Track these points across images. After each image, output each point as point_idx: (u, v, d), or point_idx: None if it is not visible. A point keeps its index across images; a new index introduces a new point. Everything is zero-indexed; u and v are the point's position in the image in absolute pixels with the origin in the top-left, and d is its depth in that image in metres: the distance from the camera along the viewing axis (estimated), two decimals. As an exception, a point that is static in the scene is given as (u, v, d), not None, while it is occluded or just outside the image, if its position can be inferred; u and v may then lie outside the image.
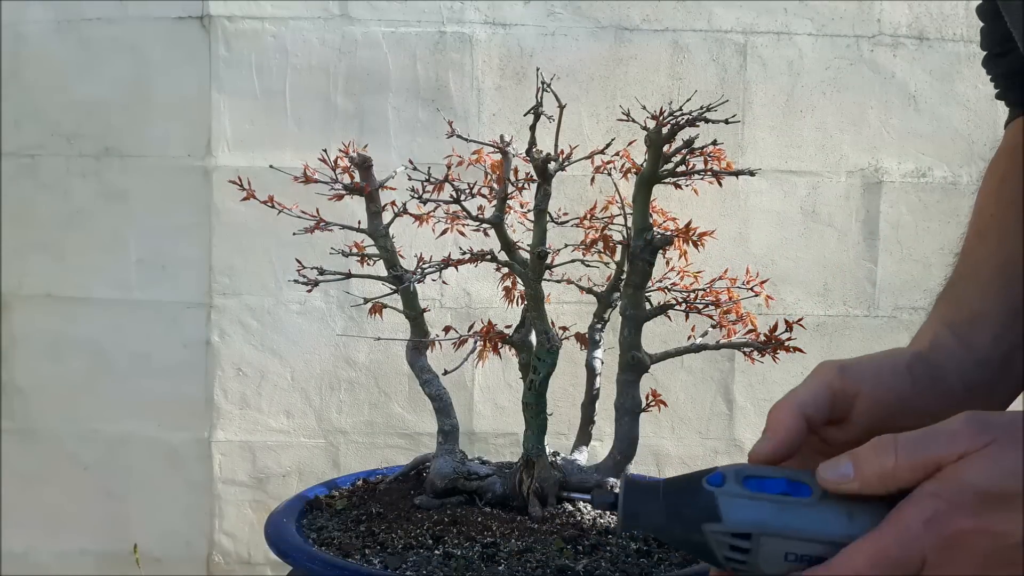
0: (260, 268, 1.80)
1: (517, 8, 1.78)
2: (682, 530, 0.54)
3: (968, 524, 0.50)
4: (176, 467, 1.84)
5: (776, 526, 0.52)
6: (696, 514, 0.53)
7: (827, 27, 1.81)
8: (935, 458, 0.52)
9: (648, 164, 1.09)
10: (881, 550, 0.51)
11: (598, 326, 1.28)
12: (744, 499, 0.53)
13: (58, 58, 1.79)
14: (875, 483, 0.53)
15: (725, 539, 0.53)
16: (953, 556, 0.50)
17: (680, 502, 0.55)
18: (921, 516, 0.51)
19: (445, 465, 1.18)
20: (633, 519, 0.56)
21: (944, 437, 0.52)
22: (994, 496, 0.50)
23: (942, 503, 0.51)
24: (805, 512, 0.53)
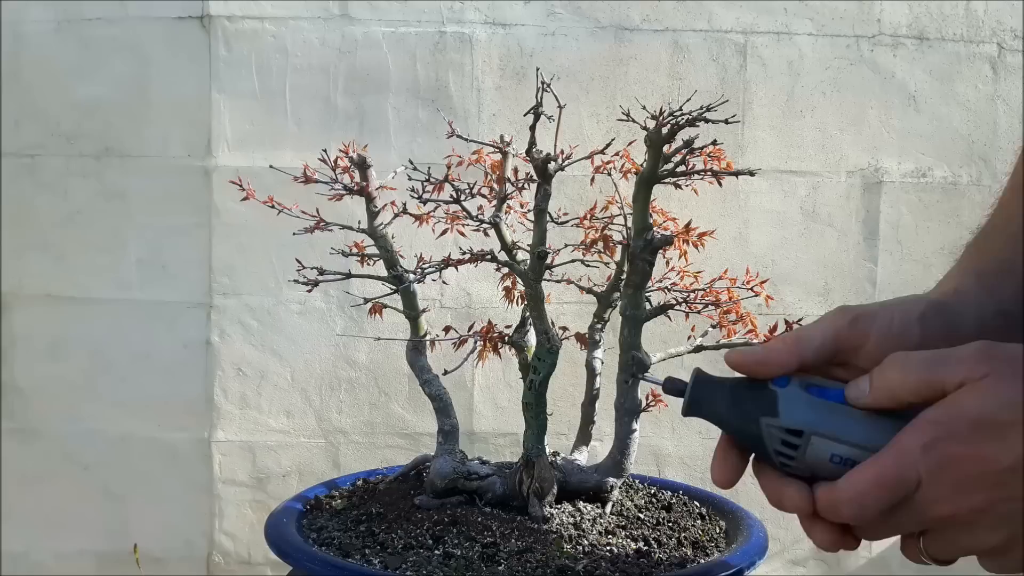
0: (260, 268, 1.80)
1: (517, 8, 1.78)
2: (740, 421, 0.59)
3: (960, 450, 0.54)
4: (176, 467, 1.84)
5: (825, 427, 0.57)
6: (756, 408, 0.58)
7: (827, 27, 1.81)
8: (939, 380, 0.55)
9: (648, 164, 1.09)
10: (884, 472, 0.55)
11: (598, 326, 1.28)
12: (802, 400, 0.58)
13: (58, 58, 1.79)
14: (884, 399, 0.57)
15: (779, 434, 0.58)
16: (945, 477, 0.54)
17: (743, 396, 0.59)
18: (919, 441, 0.55)
19: (445, 465, 1.18)
20: (697, 406, 0.61)
21: (951, 361, 0.56)
22: (987, 424, 0.53)
23: (940, 430, 0.54)
24: (853, 419, 0.57)
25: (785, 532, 1.90)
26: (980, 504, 0.54)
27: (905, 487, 0.55)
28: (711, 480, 0.64)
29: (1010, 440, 0.53)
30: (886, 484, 0.55)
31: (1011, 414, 0.53)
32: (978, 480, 0.54)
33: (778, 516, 1.94)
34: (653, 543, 1.09)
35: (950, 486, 0.54)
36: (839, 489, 0.57)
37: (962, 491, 0.54)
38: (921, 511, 0.56)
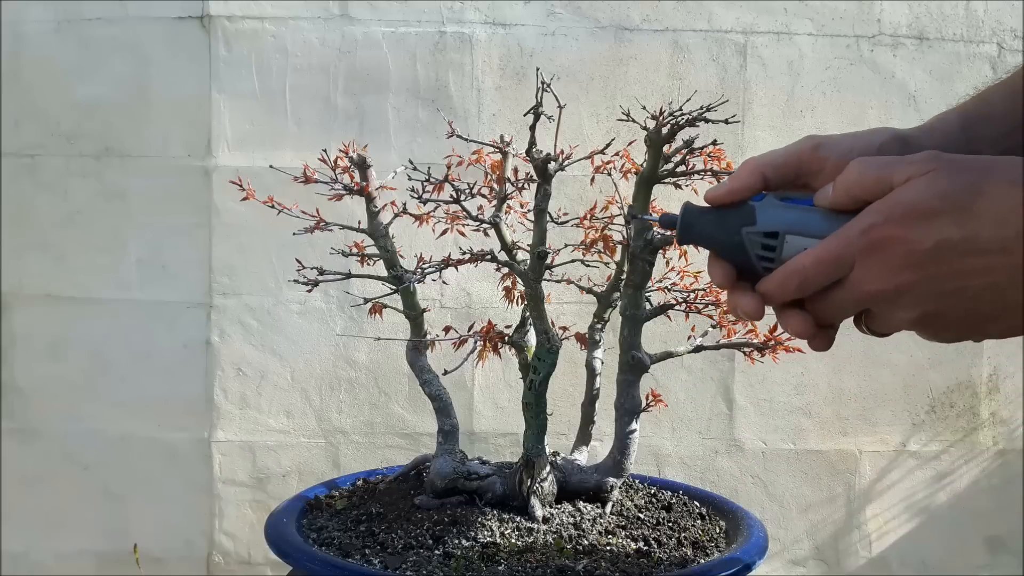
0: (260, 268, 1.80)
1: (517, 8, 1.78)
2: (725, 235, 0.65)
3: (891, 231, 0.59)
4: (176, 467, 1.84)
5: (796, 227, 0.63)
6: (737, 221, 0.65)
7: (827, 27, 1.81)
8: (887, 177, 0.60)
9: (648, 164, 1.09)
10: (824, 252, 0.61)
11: (598, 326, 1.28)
12: (776, 207, 0.65)
13: (58, 58, 1.79)
14: (843, 197, 0.62)
15: (757, 239, 0.64)
16: (875, 260, 0.60)
17: (726, 214, 0.66)
18: (859, 226, 0.60)
19: (445, 465, 1.18)
20: (688, 229, 0.67)
21: (901, 163, 0.61)
22: (919, 211, 0.59)
23: (878, 216, 0.60)
24: (820, 217, 0.63)
25: (785, 532, 1.90)
26: (903, 282, 0.60)
27: (841, 265, 0.61)
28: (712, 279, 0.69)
29: (936, 225, 0.58)
30: (825, 261, 0.61)
31: (941, 203, 0.58)
32: (903, 260, 0.59)
33: (778, 516, 1.94)
34: (653, 543, 1.09)
35: (879, 265, 0.60)
36: (787, 266, 0.63)
37: (888, 269, 0.60)
38: (855, 288, 0.61)
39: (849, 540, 1.91)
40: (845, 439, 1.89)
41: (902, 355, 1.87)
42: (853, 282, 0.61)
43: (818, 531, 1.91)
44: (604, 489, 1.20)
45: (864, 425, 1.89)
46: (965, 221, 0.58)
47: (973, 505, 1.91)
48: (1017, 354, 1.88)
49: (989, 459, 1.91)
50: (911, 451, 1.90)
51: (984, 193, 0.58)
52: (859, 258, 0.60)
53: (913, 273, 0.59)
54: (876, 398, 1.88)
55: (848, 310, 0.63)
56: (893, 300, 0.61)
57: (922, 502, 1.92)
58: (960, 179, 0.59)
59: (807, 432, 1.88)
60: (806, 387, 1.86)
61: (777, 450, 1.88)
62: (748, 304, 0.66)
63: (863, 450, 1.89)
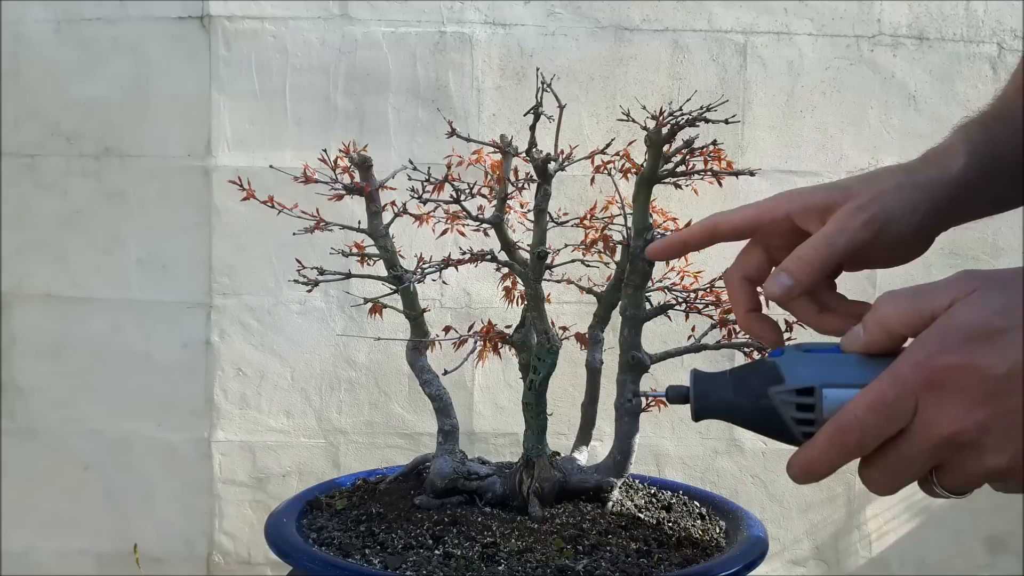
0: (260, 268, 1.80)
1: (517, 8, 1.78)
2: (749, 400, 0.57)
3: (954, 359, 0.51)
4: (176, 467, 1.84)
5: (833, 377, 0.55)
6: (761, 381, 0.57)
7: (827, 27, 1.81)
8: (928, 307, 0.54)
9: (648, 164, 1.09)
10: (876, 395, 0.53)
11: (598, 326, 1.28)
12: (802, 359, 0.57)
13: (58, 58, 1.79)
14: (878, 336, 0.56)
15: (790, 398, 0.56)
16: (943, 396, 0.52)
17: (745, 375, 0.58)
18: (911, 360, 0.53)
19: (445, 465, 1.18)
20: (703, 401, 0.59)
21: (939, 288, 0.55)
22: (978, 332, 0.51)
23: (931, 346, 0.53)
24: (856, 364, 0.56)
25: (785, 532, 1.90)
26: (982, 419, 0.51)
27: (900, 409, 0.53)
28: None
29: (1004, 345, 0.51)
30: (880, 407, 0.53)
31: (1004, 320, 0.51)
32: (976, 392, 0.51)
33: (778, 516, 1.94)
34: (653, 543, 1.09)
35: (948, 402, 0.52)
36: (834, 421, 0.54)
37: (961, 406, 0.51)
38: (924, 436, 0.53)
39: (849, 540, 1.91)
40: (845, 439, 1.89)
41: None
42: (921, 428, 0.52)
43: (818, 531, 1.91)
44: (604, 489, 1.20)
45: (864, 425, 1.89)
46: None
47: (973, 505, 1.91)
48: (1017, 354, 1.88)
49: (989, 459, 1.91)
50: (911, 451, 1.90)
51: None
52: (923, 397, 0.52)
53: (993, 405, 0.51)
54: (876, 398, 1.88)
55: (921, 464, 0.54)
56: (977, 442, 0.52)
57: (922, 502, 1.91)
58: (1013, 292, 0.52)
59: (807, 432, 1.88)
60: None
61: (777, 450, 1.88)
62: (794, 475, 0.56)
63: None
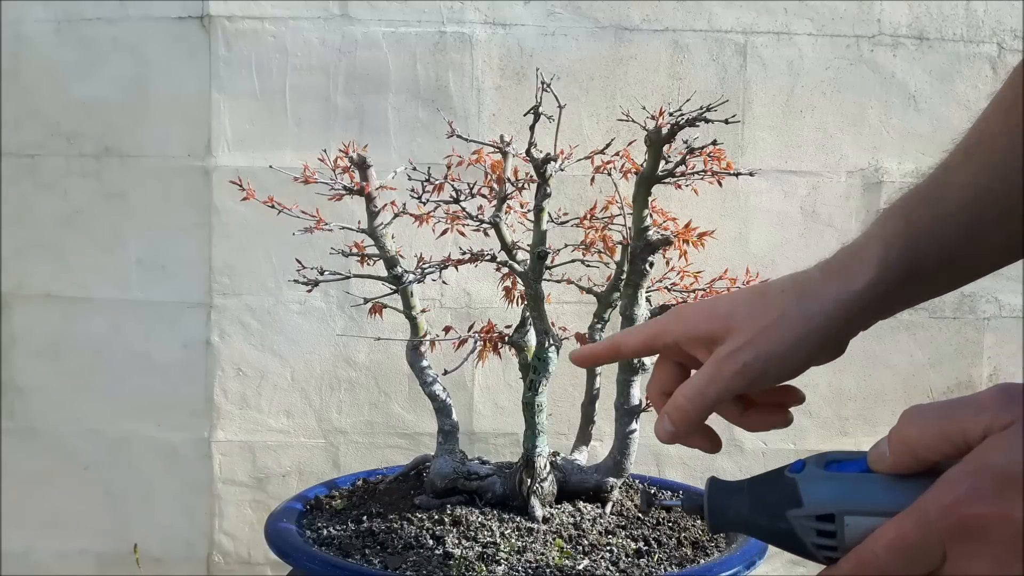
0: (260, 268, 1.80)
1: (517, 8, 1.78)
2: (767, 521, 0.53)
3: (986, 510, 0.46)
4: (176, 467, 1.84)
5: (854, 503, 0.51)
6: (779, 502, 0.52)
7: (827, 27, 1.81)
8: (959, 431, 0.49)
9: (648, 164, 1.09)
10: (900, 535, 0.49)
11: (598, 326, 1.28)
12: (823, 480, 0.52)
13: (58, 58, 1.79)
14: (905, 458, 0.51)
15: (810, 524, 0.51)
16: (974, 548, 0.47)
17: (763, 492, 0.54)
18: (940, 501, 0.48)
19: (445, 465, 1.18)
20: (720, 516, 0.55)
21: (971, 409, 0.49)
22: (1014, 479, 0.46)
23: (961, 488, 0.47)
24: (882, 487, 0.51)
25: (785, 532, 1.90)
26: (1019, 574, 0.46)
27: (924, 554, 0.48)
28: None
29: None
30: (902, 550, 0.48)
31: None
32: (1012, 545, 0.46)
33: (778, 516, 1.94)
34: (653, 543, 1.09)
35: (981, 555, 0.47)
36: (853, 555, 0.50)
37: (995, 560, 0.46)
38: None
39: (849, 540, 1.91)
40: (845, 439, 1.89)
41: (902, 355, 1.87)
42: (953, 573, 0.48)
43: (818, 531, 1.91)
44: (604, 489, 1.20)
45: (864, 425, 1.89)
46: None
47: (973, 505, 1.91)
48: (1017, 354, 1.88)
49: (989, 459, 1.91)
50: (911, 451, 1.90)
51: None
52: (949, 544, 0.47)
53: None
54: (876, 398, 1.88)
55: None
56: None
57: (922, 502, 1.91)
58: None
59: (807, 432, 1.88)
60: (806, 387, 1.84)
61: (777, 450, 1.88)
62: None
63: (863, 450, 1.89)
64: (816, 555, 0.52)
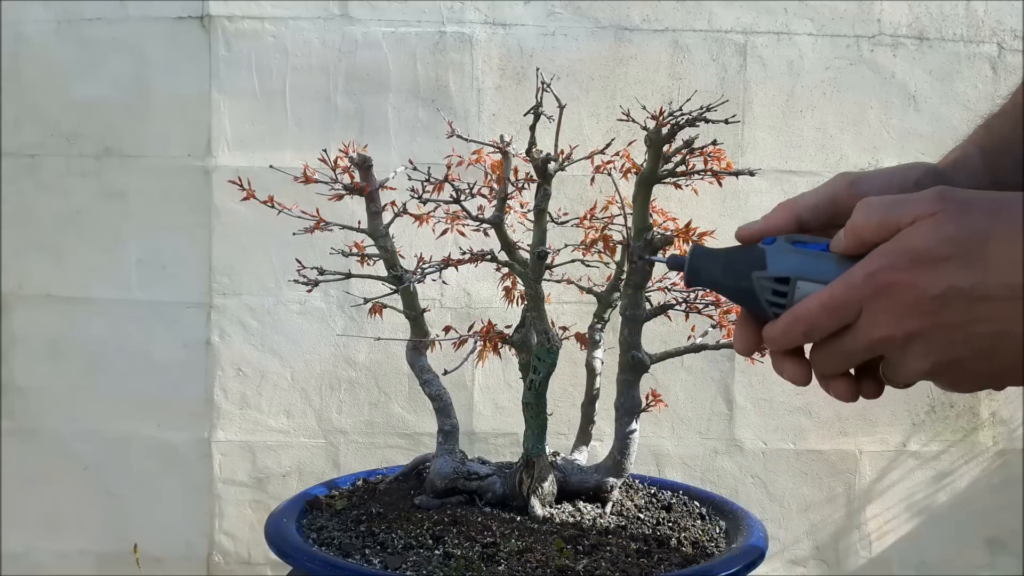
0: (260, 268, 1.80)
1: (517, 8, 1.78)
2: (734, 279, 0.65)
3: (897, 276, 0.58)
4: (176, 467, 1.84)
5: (806, 272, 0.63)
6: (747, 265, 0.64)
7: (827, 27, 1.81)
8: (895, 220, 0.60)
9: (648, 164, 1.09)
10: (829, 297, 0.61)
11: (598, 326, 1.28)
12: (787, 252, 0.64)
13: (58, 58, 1.79)
14: (852, 242, 0.62)
15: (768, 284, 0.63)
16: (882, 305, 0.59)
17: (735, 257, 0.65)
18: (864, 270, 0.60)
19: (445, 465, 1.18)
20: (696, 274, 0.67)
21: (908, 203, 0.60)
22: (926, 256, 0.58)
23: (883, 260, 0.59)
24: (831, 263, 0.62)
25: (785, 532, 1.90)
26: (912, 329, 0.59)
27: (847, 311, 0.60)
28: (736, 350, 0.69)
29: (943, 271, 0.57)
30: (830, 307, 0.60)
31: (947, 249, 0.57)
32: (911, 306, 0.58)
33: (778, 516, 1.94)
34: (653, 543, 1.09)
35: (886, 311, 0.59)
36: (792, 311, 0.62)
37: (896, 315, 0.59)
38: (862, 335, 0.60)
39: (849, 540, 1.91)
40: (845, 439, 1.89)
41: (902, 355, 1.87)
42: (861, 328, 0.60)
43: (818, 531, 1.91)
44: (604, 489, 1.20)
45: (864, 425, 1.89)
46: (973, 267, 0.57)
47: (973, 505, 1.91)
48: (1017, 354, 1.88)
49: (989, 459, 1.91)
50: (911, 451, 1.90)
51: (992, 238, 0.57)
52: (866, 304, 0.59)
53: (921, 320, 0.58)
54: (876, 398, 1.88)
55: (856, 357, 0.62)
56: (903, 348, 0.60)
57: (922, 502, 1.92)
58: (967, 223, 0.58)
59: (807, 432, 1.88)
60: (806, 387, 1.85)
61: (777, 450, 1.88)
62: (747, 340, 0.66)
63: (863, 450, 1.89)
64: (767, 311, 0.64)
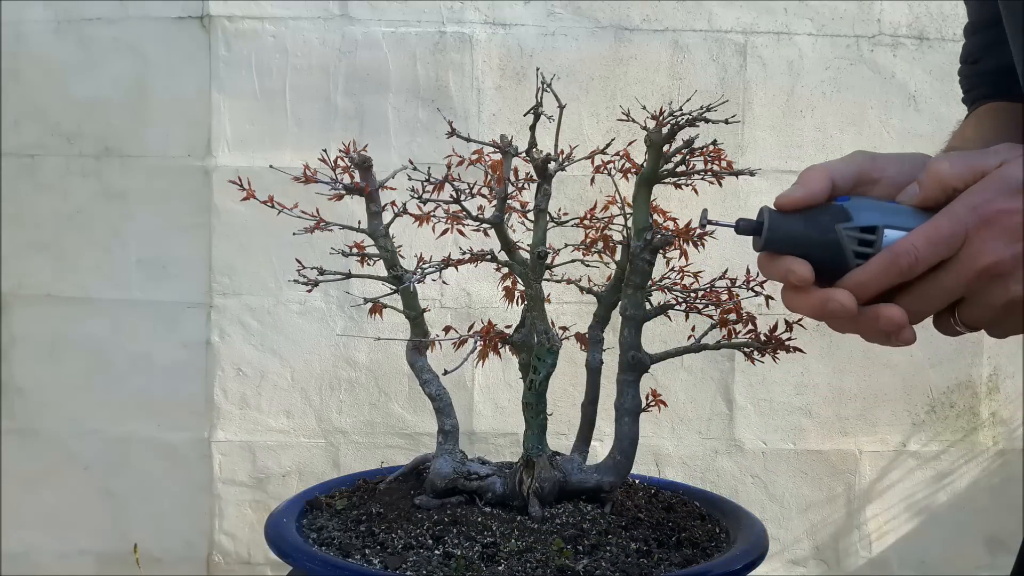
0: (260, 268, 1.80)
1: (517, 8, 1.78)
2: (818, 233, 0.67)
3: (1004, 205, 0.63)
4: (176, 467, 1.84)
5: (893, 220, 0.66)
6: (831, 219, 0.67)
7: (827, 27, 1.81)
8: (980, 167, 0.65)
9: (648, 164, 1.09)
10: (934, 230, 0.64)
11: (598, 326, 1.28)
12: (868, 205, 0.67)
13: (58, 58, 1.79)
14: (935, 189, 0.65)
15: (855, 234, 0.66)
16: (988, 232, 0.63)
17: (816, 214, 0.68)
18: (967, 203, 0.64)
19: (445, 465, 1.18)
20: (774, 231, 0.69)
21: (988, 154, 0.65)
22: (1019, 185, 0.62)
23: (986, 193, 0.63)
24: (911, 213, 0.66)
25: (785, 532, 1.90)
26: (1019, 252, 0.62)
27: (953, 242, 0.63)
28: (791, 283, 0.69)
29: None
30: (936, 239, 0.63)
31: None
32: (1017, 231, 0.62)
33: (778, 516, 1.94)
34: (653, 543, 1.09)
35: (994, 237, 0.62)
36: (891, 249, 0.65)
37: (1004, 239, 0.62)
38: (966, 266, 0.63)
39: (849, 540, 1.91)
40: (845, 439, 1.89)
41: (902, 355, 1.87)
42: (965, 259, 0.63)
43: (818, 531, 1.91)
44: (604, 489, 1.20)
45: (864, 425, 1.89)
46: None
47: (973, 505, 1.91)
48: (1017, 354, 1.88)
49: (989, 459, 1.91)
50: (911, 451, 1.90)
51: None
52: (972, 232, 0.63)
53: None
54: (876, 398, 1.88)
55: (952, 293, 0.65)
56: (1009, 273, 0.63)
57: (922, 502, 1.92)
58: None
59: (807, 432, 1.88)
60: (806, 387, 1.86)
61: (777, 450, 1.88)
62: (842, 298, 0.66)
63: (863, 450, 1.89)
64: (851, 262, 0.66)
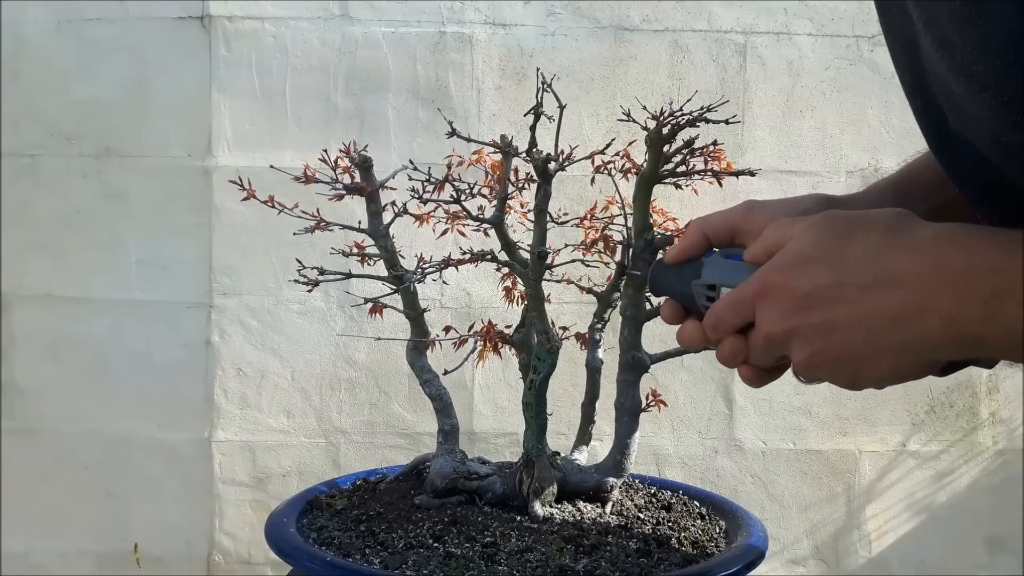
0: (260, 268, 1.80)
1: (517, 8, 1.78)
2: (680, 286, 0.77)
3: (776, 278, 0.66)
4: (176, 467, 1.84)
5: (729, 280, 0.73)
6: (689, 275, 0.76)
7: (827, 27, 1.81)
8: (788, 233, 0.68)
9: (648, 164, 1.09)
10: (733, 298, 0.69)
11: (598, 326, 1.28)
12: (718, 264, 0.75)
13: (58, 58, 1.79)
14: (760, 253, 0.70)
15: (702, 290, 0.75)
16: (766, 303, 0.67)
17: (683, 268, 0.77)
18: (758, 275, 0.68)
19: (445, 465, 1.18)
20: (655, 282, 0.80)
21: (801, 220, 0.68)
22: (799, 258, 0.65)
23: (770, 264, 0.67)
24: (746, 271, 0.71)
25: (785, 532, 1.90)
26: (790, 326, 0.65)
27: (745, 309, 0.68)
28: (662, 319, 0.80)
29: (811, 270, 0.64)
30: (733, 306, 0.69)
31: (816, 250, 0.64)
32: (785, 303, 0.65)
33: (778, 516, 1.94)
34: (653, 543, 1.09)
35: (769, 309, 0.66)
36: (711, 309, 0.72)
37: (778, 313, 0.66)
38: (759, 331, 0.68)
39: (849, 540, 1.91)
40: (845, 439, 1.89)
41: (902, 355, 1.87)
42: (760, 325, 0.68)
43: (818, 531, 1.91)
44: (604, 489, 1.20)
45: (864, 425, 1.89)
46: (835, 266, 0.63)
47: (973, 505, 1.91)
48: (1017, 354, 1.88)
49: (989, 459, 1.91)
50: (911, 451, 1.90)
51: (854, 239, 0.63)
52: (758, 304, 0.67)
53: (795, 317, 0.65)
54: (876, 398, 1.88)
55: (763, 352, 0.69)
56: (786, 342, 0.66)
57: (922, 502, 1.92)
58: (838, 228, 0.65)
59: (807, 432, 1.88)
60: (806, 387, 1.85)
61: (777, 450, 1.88)
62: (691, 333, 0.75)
63: (863, 450, 1.89)
64: (703, 311, 0.75)
